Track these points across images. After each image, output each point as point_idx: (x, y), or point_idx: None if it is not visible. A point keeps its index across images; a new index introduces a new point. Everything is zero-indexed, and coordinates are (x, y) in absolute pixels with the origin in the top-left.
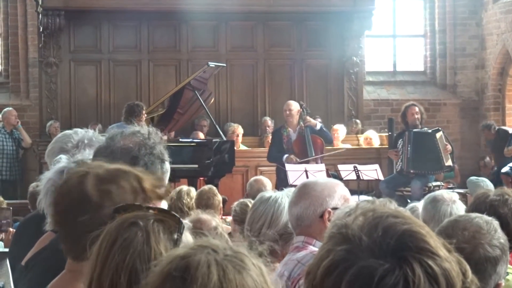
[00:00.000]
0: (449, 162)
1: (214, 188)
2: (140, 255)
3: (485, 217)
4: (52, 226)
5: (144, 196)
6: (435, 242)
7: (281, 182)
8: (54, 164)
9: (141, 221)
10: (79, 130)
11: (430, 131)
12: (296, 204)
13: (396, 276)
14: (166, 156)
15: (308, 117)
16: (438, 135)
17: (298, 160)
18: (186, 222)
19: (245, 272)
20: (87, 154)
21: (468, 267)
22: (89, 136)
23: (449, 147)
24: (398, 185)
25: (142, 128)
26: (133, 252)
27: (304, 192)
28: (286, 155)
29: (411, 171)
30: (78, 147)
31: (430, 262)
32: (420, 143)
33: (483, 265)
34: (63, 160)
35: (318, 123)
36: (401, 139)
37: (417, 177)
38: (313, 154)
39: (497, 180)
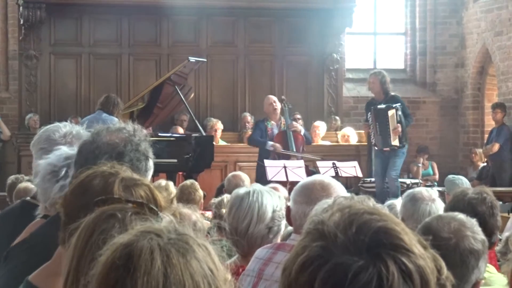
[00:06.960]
0: (395, 142)
1: (196, 183)
2: None
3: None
4: (54, 212)
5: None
6: (410, 239)
7: (262, 177)
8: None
9: (119, 213)
10: (68, 123)
11: (384, 107)
12: (311, 203)
13: (370, 273)
14: (151, 154)
15: (294, 123)
16: (390, 112)
17: (282, 150)
18: (167, 215)
19: (189, 255)
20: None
21: (443, 264)
22: (77, 129)
23: (398, 129)
24: (384, 167)
25: (127, 124)
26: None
27: (329, 193)
28: (271, 142)
29: (384, 149)
30: (65, 138)
31: (404, 259)
32: (381, 120)
33: (467, 257)
34: (63, 149)
35: (302, 129)
36: (369, 112)
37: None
38: (294, 149)
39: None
